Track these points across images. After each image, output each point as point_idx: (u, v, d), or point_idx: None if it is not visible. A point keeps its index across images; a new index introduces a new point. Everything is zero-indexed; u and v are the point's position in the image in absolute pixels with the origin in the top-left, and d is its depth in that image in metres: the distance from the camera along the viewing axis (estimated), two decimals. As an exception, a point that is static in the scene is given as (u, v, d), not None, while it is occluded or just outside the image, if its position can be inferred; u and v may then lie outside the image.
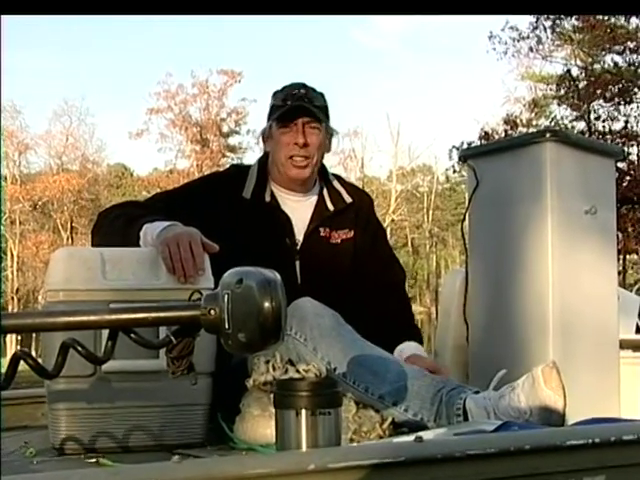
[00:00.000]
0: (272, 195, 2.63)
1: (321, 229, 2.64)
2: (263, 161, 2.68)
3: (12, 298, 32.72)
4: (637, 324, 3.36)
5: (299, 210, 2.64)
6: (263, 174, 2.65)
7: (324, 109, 2.63)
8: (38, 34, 53.94)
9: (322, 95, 2.64)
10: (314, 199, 2.68)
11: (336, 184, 2.73)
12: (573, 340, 2.42)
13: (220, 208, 2.50)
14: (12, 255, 33.68)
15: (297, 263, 2.58)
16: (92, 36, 52.37)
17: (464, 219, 2.71)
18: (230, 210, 2.52)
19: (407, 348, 2.53)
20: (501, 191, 2.55)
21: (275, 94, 2.64)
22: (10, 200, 33.16)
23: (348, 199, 2.70)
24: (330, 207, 2.67)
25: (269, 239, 2.55)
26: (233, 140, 37.25)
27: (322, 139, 2.62)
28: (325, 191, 2.70)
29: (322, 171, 2.73)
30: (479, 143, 20.21)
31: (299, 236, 2.61)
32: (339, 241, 2.66)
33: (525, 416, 1.91)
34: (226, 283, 1.37)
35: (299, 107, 2.56)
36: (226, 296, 1.34)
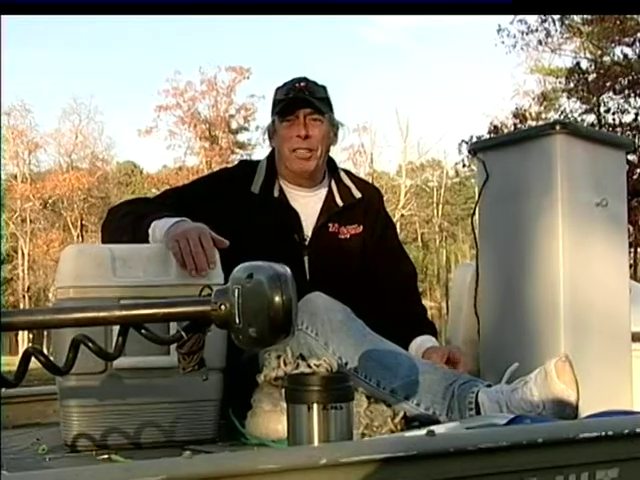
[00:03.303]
0: (281, 190, 2.63)
1: (330, 224, 2.63)
2: (271, 157, 2.68)
3: (23, 296, 32.80)
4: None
5: (308, 205, 2.63)
6: (271, 169, 2.64)
7: (326, 101, 2.62)
8: (46, 32, 54.06)
9: (324, 87, 2.63)
10: (323, 194, 2.67)
11: (345, 179, 2.72)
12: (585, 333, 2.40)
13: (229, 203, 2.50)
14: (23, 253, 33.75)
15: (306, 258, 2.57)
16: (100, 34, 52.41)
17: (474, 213, 2.70)
18: (239, 205, 2.52)
19: (426, 341, 2.53)
20: (511, 184, 2.54)
21: (277, 89, 2.64)
22: (20, 199, 33.23)
23: (357, 194, 2.69)
24: (339, 202, 2.66)
25: (277, 234, 2.54)
26: (242, 137, 37.25)
27: (325, 131, 2.61)
28: (334, 186, 2.69)
29: (331, 166, 2.72)
30: (488, 137, 20.16)
31: (308, 231, 2.61)
32: (348, 236, 2.65)
33: (538, 410, 1.90)
34: (236, 278, 1.37)
35: (299, 99, 2.56)
36: (236, 291, 1.34)
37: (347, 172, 2.79)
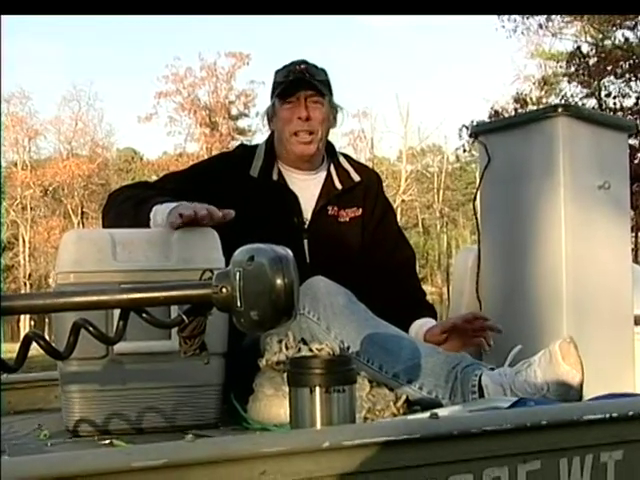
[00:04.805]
0: (279, 174, 2.62)
1: (329, 207, 2.63)
2: (270, 140, 2.67)
3: (24, 284, 32.84)
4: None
5: (307, 189, 2.63)
6: (270, 153, 2.64)
7: (326, 83, 2.62)
8: (45, 19, 53.91)
9: (324, 70, 2.63)
10: (322, 177, 2.67)
11: (344, 162, 2.71)
12: (587, 316, 2.40)
13: (228, 187, 2.49)
14: (24, 241, 33.77)
15: (305, 242, 2.57)
16: (99, 20, 52.30)
17: (475, 197, 2.69)
18: (238, 189, 2.51)
19: (426, 323, 2.53)
20: (513, 167, 2.53)
21: (277, 72, 2.63)
22: (21, 186, 33.23)
23: (356, 177, 2.69)
24: (338, 185, 2.66)
25: (277, 218, 2.54)
26: (242, 123, 37.18)
27: (325, 113, 2.60)
28: (333, 169, 2.68)
29: (330, 150, 2.72)
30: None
31: (307, 215, 2.61)
32: (347, 219, 2.65)
33: (542, 392, 1.89)
34: (237, 261, 1.36)
35: (300, 80, 2.55)
36: (238, 274, 1.33)
37: (346, 156, 2.78)
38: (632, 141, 18.49)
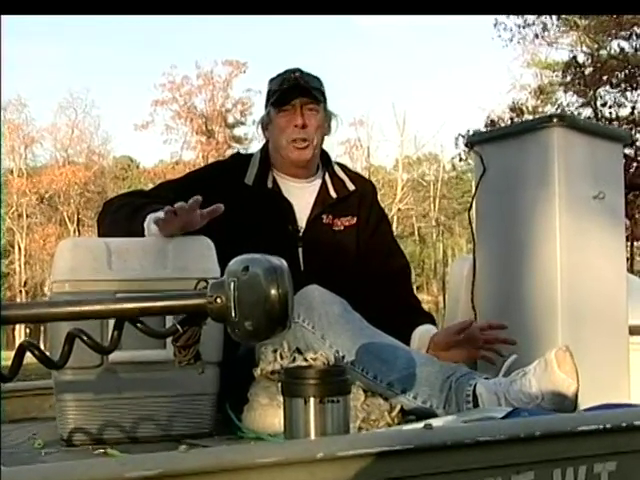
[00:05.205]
0: (274, 182, 2.62)
1: (324, 216, 2.63)
2: (265, 149, 2.68)
3: (20, 291, 32.80)
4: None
5: (301, 197, 2.63)
6: (265, 161, 2.64)
7: (321, 90, 2.62)
8: (42, 26, 53.96)
9: (318, 78, 2.63)
10: (317, 186, 2.67)
11: (339, 172, 2.72)
12: (582, 326, 2.40)
13: (223, 195, 2.49)
14: (20, 248, 33.75)
15: (300, 250, 2.57)
16: (96, 27, 52.36)
17: (471, 206, 2.69)
18: (232, 197, 2.50)
19: (432, 329, 2.53)
20: (508, 177, 2.53)
21: (271, 81, 2.64)
22: (17, 193, 33.23)
23: (351, 186, 2.69)
24: (333, 194, 2.66)
25: (271, 226, 2.54)
26: (238, 131, 37.26)
27: (321, 120, 2.61)
28: (328, 178, 2.69)
29: (325, 158, 2.72)
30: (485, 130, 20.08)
31: (301, 223, 2.61)
32: (342, 228, 2.65)
33: (537, 401, 1.89)
34: (232, 271, 1.36)
35: (295, 87, 2.56)
36: (232, 284, 1.33)
37: (341, 165, 2.79)
38: (627, 150, 18.54)
